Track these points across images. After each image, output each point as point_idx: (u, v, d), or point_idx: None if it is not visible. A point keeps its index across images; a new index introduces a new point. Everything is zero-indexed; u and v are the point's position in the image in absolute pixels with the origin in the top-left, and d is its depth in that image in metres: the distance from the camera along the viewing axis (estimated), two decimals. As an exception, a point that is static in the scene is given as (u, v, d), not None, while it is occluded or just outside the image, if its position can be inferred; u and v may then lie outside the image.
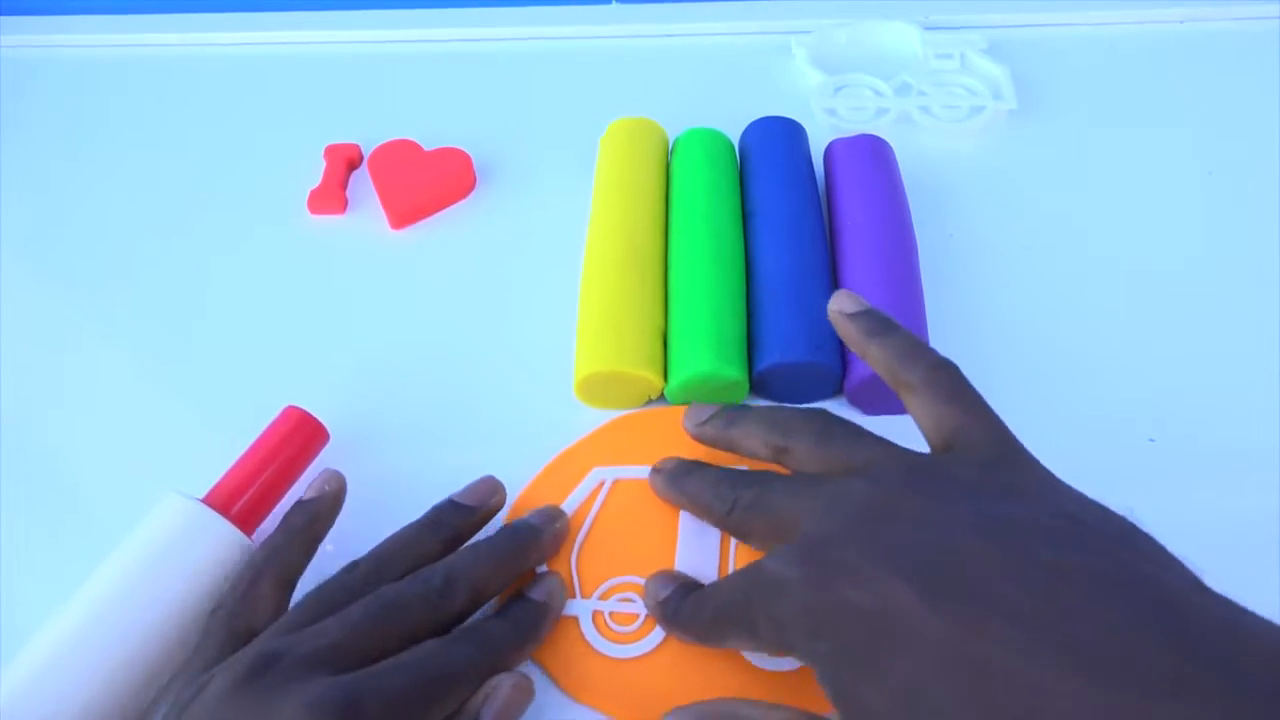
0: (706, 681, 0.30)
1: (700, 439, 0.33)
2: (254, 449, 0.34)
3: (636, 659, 0.30)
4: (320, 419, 0.35)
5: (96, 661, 0.29)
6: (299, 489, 0.34)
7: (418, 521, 0.32)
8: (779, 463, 0.30)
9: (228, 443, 0.34)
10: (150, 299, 0.43)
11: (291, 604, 0.30)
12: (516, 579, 0.31)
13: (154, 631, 0.30)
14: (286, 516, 0.32)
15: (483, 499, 0.32)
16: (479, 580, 0.30)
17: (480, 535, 0.32)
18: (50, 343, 0.41)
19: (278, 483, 0.34)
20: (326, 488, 0.32)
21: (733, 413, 0.32)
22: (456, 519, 0.32)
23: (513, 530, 0.32)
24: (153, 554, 0.31)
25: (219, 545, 0.31)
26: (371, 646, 0.27)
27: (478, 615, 0.30)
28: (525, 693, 0.28)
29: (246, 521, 0.32)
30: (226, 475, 0.33)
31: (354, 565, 0.30)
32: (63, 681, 0.28)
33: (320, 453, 0.35)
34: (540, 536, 0.31)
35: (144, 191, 0.47)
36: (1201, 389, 0.37)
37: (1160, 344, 0.38)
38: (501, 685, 0.28)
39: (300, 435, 0.34)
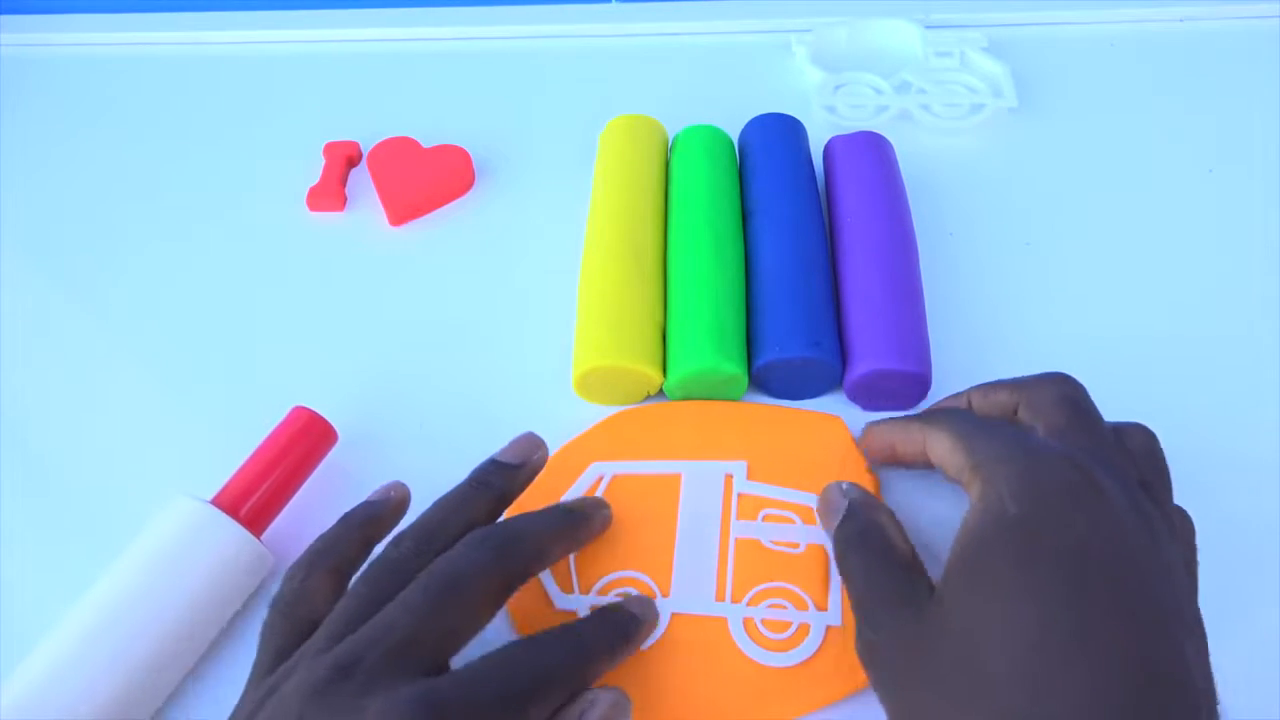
0: (707, 676, 0.30)
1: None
2: (262, 450, 0.33)
3: (636, 654, 0.30)
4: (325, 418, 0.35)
5: (107, 663, 0.29)
6: (308, 490, 0.34)
7: (462, 484, 0.30)
8: None
9: (230, 442, 0.34)
10: (151, 298, 0.43)
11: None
12: (567, 554, 0.31)
13: (164, 633, 0.29)
14: (346, 514, 0.31)
15: (525, 455, 0.32)
16: (539, 543, 0.29)
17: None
18: (52, 344, 0.41)
19: (286, 484, 0.33)
20: (392, 494, 0.31)
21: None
22: (502, 477, 0.31)
23: (564, 507, 0.31)
24: (162, 556, 0.31)
25: (228, 547, 0.31)
26: (443, 628, 0.26)
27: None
28: (624, 711, 0.27)
29: (255, 523, 0.32)
30: (235, 476, 0.33)
31: (400, 539, 0.28)
32: (74, 683, 0.28)
33: (329, 453, 0.35)
34: (591, 519, 0.31)
35: (144, 190, 0.47)
36: (1202, 388, 0.37)
37: (1160, 342, 0.38)
38: (599, 701, 0.26)
39: (309, 436, 0.34)
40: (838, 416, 0.35)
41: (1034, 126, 0.47)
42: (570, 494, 0.34)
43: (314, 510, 0.34)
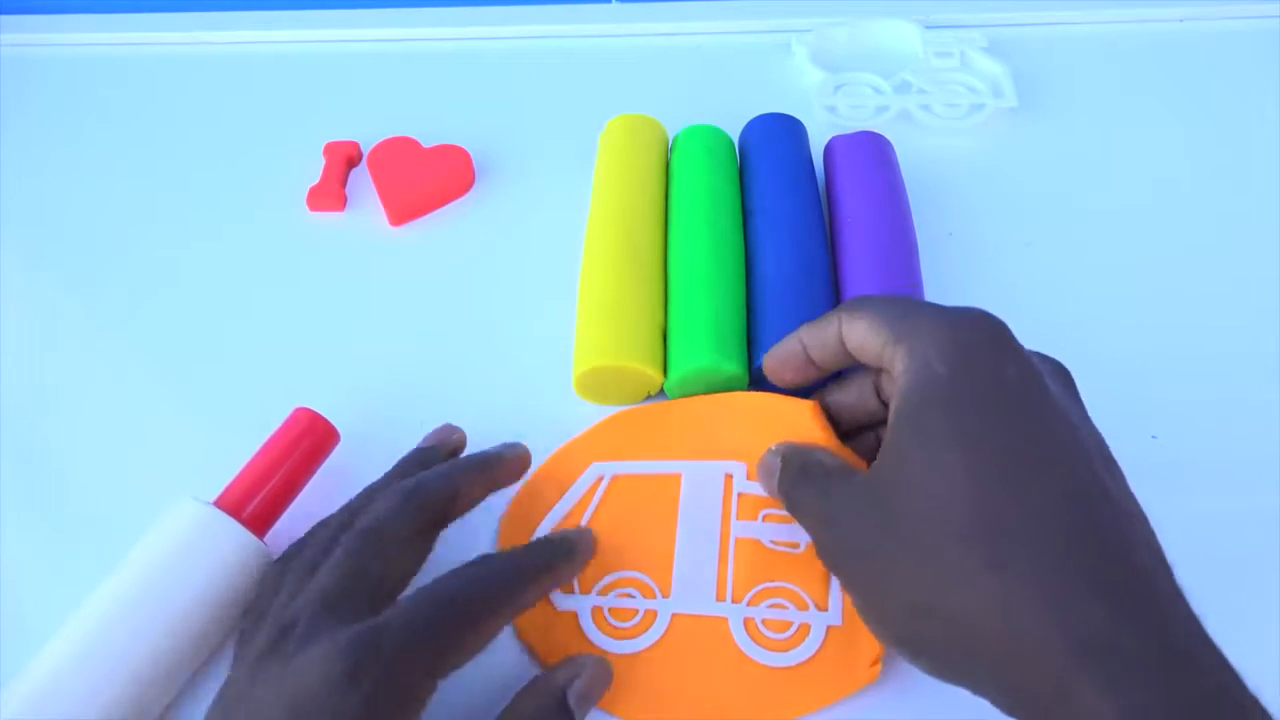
0: (708, 676, 0.30)
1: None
2: (265, 451, 0.33)
3: (636, 654, 0.30)
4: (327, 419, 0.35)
5: (112, 665, 0.29)
6: (310, 491, 0.34)
7: (386, 474, 0.32)
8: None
9: (232, 443, 0.34)
10: (151, 299, 0.43)
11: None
12: (490, 489, 0.32)
13: (168, 635, 0.29)
14: (322, 520, 0.31)
15: (442, 439, 0.33)
16: (451, 483, 0.30)
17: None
18: (52, 345, 0.41)
19: (289, 485, 0.33)
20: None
21: None
22: (418, 460, 0.32)
23: (479, 453, 0.32)
24: (166, 558, 0.31)
25: (232, 549, 0.31)
26: (370, 577, 0.27)
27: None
28: (609, 673, 0.29)
29: (258, 524, 0.32)
30: (237, 478, 0.33)
31: (324, 522, 0.30)
32: (79, 685, 0.28)
33: (331, 454, 0.35)
34: (503, 456, 0.32)
35: (144, 191, 0.47)
36: (1203, 387, 0.37)
37: (1161, 342, 0.38)
38: (586, 664, 0.28)
39: (311, 437, 0.34)
40: (808, 401, 0.34)
41: (1034, 126, 0.47)
42: (570, 494, 0.34)
43: (316, 511, 0.34)
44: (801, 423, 0.33)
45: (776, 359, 0.32)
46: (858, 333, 0.29)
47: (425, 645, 0.25)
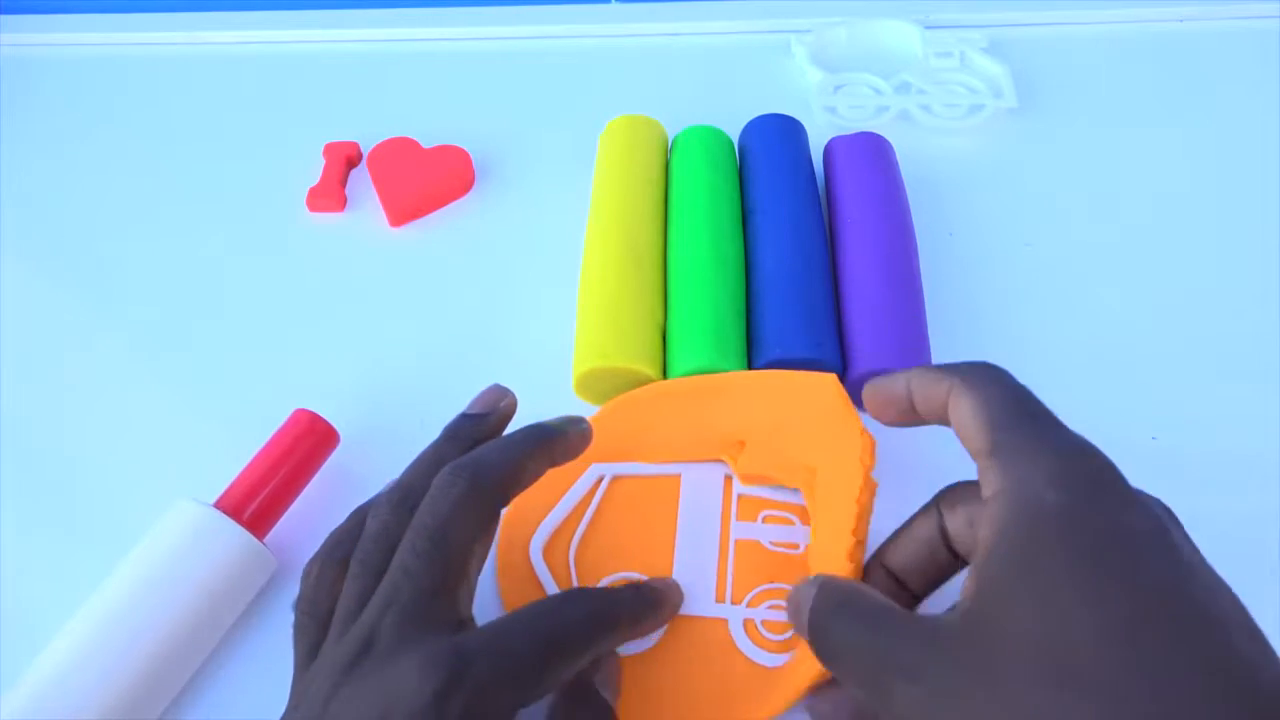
0: (707, 677, 0.30)
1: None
2: (265, 452, 0.34)
3: (636, 655, 0.30)
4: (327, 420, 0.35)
5: (113, 666, 0.29)
6: (310, 492, 0.34)
7: (434, 442, 0.30)
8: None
9: (232, 444, 0.34)
10: (151, 299, 0.43)
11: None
12: (550, 467, 0.30)
13: (169, 636, 0.30)
14: (355, 509, 0.30)
15: (492, 404, 0.31)
16: (513, 463, 0.28)
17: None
18: (51, 346, 0.41)
19: (289, 486, 0.34)
20: None
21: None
22: (471, 428, 0.30)
23: (536, 424, 0.30)
24: (166, 560, 0.31)
25: (231, 550, 0.31)
26: (445, 577, 0.26)
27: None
28: (616, 662, 0.29)
29: (258, 525, 0.32)
30: (237, 480, 0.33)
31: (377, 509, 0.28)
32: (80, 686, 0.28)
33: (331, 455, 0.35)
34: (566, 433, 0.30)
35: (144, 191, 0.47)
36: (1204, 387, 0.37)
37: (1162, 342, 0.38)
38: (602, 660, 0.28)
39: (310, 438, 0.34)
40: (830, 375, 0.33)
41: (1034, 126, 0.47)
42: (570, 495, 0.34)
43: (316, 512, 0.34)
44: (823, 397, 0.31)
45: (880, 395, 0.29)
46: (961, 413, 0.26)
47: (513, 677, 0.25)
